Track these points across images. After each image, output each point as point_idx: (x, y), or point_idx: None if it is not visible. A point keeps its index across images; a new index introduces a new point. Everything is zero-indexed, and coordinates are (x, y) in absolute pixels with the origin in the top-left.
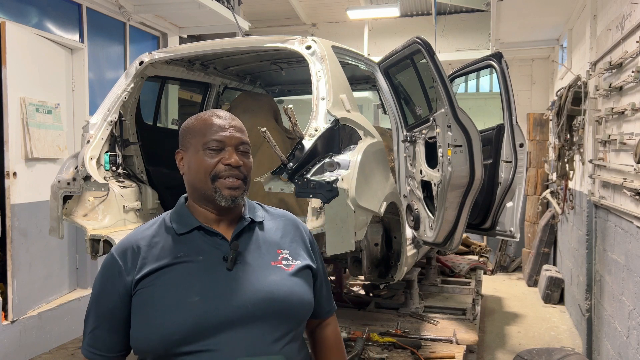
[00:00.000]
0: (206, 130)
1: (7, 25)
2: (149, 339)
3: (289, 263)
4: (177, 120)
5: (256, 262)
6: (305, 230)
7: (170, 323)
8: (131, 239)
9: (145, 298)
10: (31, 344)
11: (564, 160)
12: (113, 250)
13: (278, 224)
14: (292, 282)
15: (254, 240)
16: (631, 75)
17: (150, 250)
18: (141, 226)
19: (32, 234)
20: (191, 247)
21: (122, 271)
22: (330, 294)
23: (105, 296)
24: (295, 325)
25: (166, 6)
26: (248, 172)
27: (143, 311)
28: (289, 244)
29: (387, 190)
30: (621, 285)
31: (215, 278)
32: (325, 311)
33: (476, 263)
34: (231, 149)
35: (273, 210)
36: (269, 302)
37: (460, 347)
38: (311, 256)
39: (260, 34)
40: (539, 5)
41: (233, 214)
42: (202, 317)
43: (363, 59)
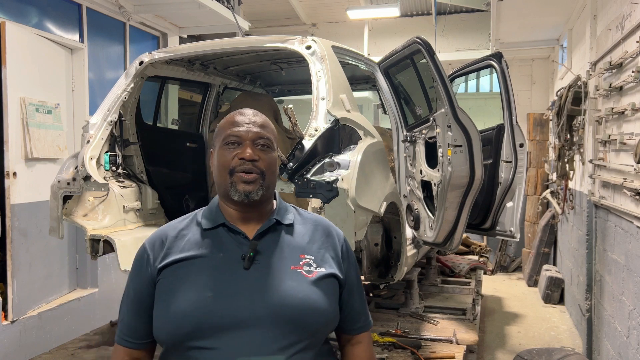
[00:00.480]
0: (227, 127)
1: (7, 25)
2: (163, 328)
3: (311, 269)
4: (177, 120)
5: (275, 265)
6: (339, 239)
7: (181, 315)
8: (163, 230)
9: (165, 287)
10: (31, 344)
11: (564, 160)
12: (145, 241)
13: (308, 228)
14: (309, 290)
15: (278, 242)
16: (631, 75)
17: (176, 242)
18: (176, 219)
19: (32, 234)
20: (214, 243)
21: (150, 260)
22: (365, 310)
23: (134, 284)
24: (308, 335)
25: (166, 6)
26: (267, 167)
27: (162, 300)
28: (316, 250)
29: (387, 190)
30: (621, 285)
31: (230, 276)
32: (356, 327)
33: (476, 263)
34: (248, 143)
35: (307, 215)
36: (280, 307)
37: (460, 347)
38: (340, 266)
39: (260, 34)
40: (539, 5)
41: (259, 213)
42: (212, 314)
43: (363, 59)
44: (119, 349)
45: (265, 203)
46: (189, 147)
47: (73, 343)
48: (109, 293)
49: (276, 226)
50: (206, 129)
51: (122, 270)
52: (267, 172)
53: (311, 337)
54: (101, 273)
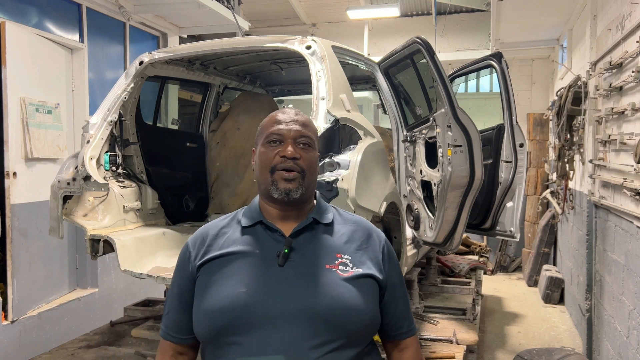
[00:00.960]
0: (270, 125)
1: (7, 25)
2: (200, 323)
3: (347, 269)
4: (177, 120)
5: (310, 263)
6: (380, 241)
7: (217, 310)
8: (206, 227)
9: (204, 283)
10: (31, 344)
11: (564, 160)
12: (189, 239)
13: (348, 229)
14: (344, 288)
15: (315, 241)
16: (631, 75)
17: (216, 239)
18: (218, 218)
19: (32, 234)
20: (252, 241)
21: (191, 256)
22: (409, 314)
23: (178, 281)
24: (344, 334)
25: (166, 6)
26: (307, 166)
27: (199, 296)
28: (354, 251)
29: (387, 190)
30: (621, 285)
31: (265, 273)
32: (400, 332)
33: (476, 263)
34: (290, 141)
35: (348, 216)
36: (312, 305)
37: (460, 347)
38: (380, 268)
39: (260, 34)
40: (539, 5)
41: (299, 212)
42: (245, 310)
43: (363, 59)
44: (164, 343)
45: (304, 202)
46: (189, 147)
47: (73, 343)
48: (109, 293)
49: (313, 225)
50: (206, 129)
51: (122, 271)
52: (308, 171)
53: (347, 337)
54: (101, 273)
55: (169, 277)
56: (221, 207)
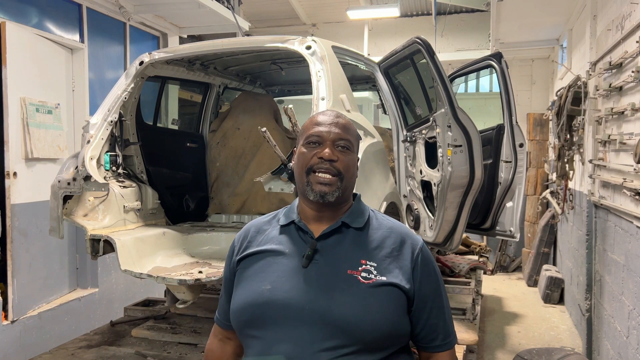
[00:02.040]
0: (310, 127)
1: (7, 25)
2: (231, 314)
3: (370, 276)
4: (177, 120)
5: (332, 266)
6: (414, 249)
7: (242, 304)
8: (251, 224)
9: (240, 277)
10: (31, 344)
11: (564, 160)
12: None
13: (380, 235)
14: (362, 295)
15: (341, 244)
16: (631, 75)
17: (257, 236)
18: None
19: (32, 234)
20: (285, 240)
21: (235, 251)
22: (446, 327)
23: (225, 272)
24: (356, 341)
25: (166, 6)
26: (345, 169)
27: (235, 289)
28: (382, 258)
29: (387, 190)
30: (621, 285)
31: (289, 272)
32: (434, 345)
33: (476, 263)
34: (329, 143)
35: (385, 221)
36: (327, 309)
37: (460, 347)
38: (409, 277)
39: (260, 34)
40: (539, 5)
41: (333, 214)
42: (265, 306)
43: (363, 59)
44: (215, 327)
45: (341, 204)
46: (189, 147)
47: (73, 343)
48: (109, 293)
49: (343, 228)
50: (206, 129)
51: (123, 271)
52: (346, 173)
53: (363, 344)
54: (101, 273)
55: (169, 277)
56: (221, 207)
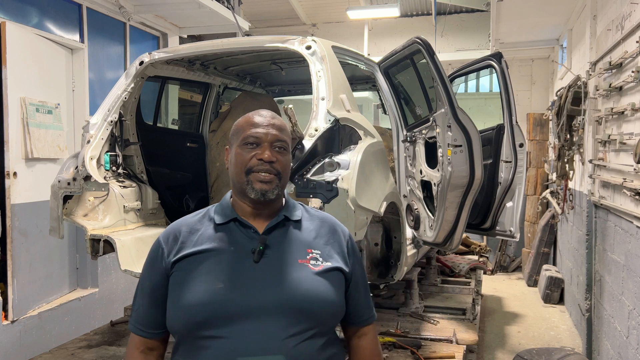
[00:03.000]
0: (246, 127)
1: (7, 25)
2: (176, 318)
3: (318, 263)
4: (177, 120)
5: (283, 258)
6: (344, 235)
7: (195, 305)
8: (177, 224)
9: (178, 280)
10: (31, 344)
11: (564, 160)
12: (160, 235)
13: (315, 225)
14: (316, 281)
15: (286, 237)
16: (631, 75)
17: (190, 236)
18: (188, 215)
19: (32, 234)
20: (226, 238)
21: (164, 253)
22: (370, 303)
23: (149, 276)
24: (316, 324)
25: (166, 6)
26: (283, 169)
27: (175, 292)
28: (322, 245)
29: (387, 190)
30: (621, 285)
31: (241, 268)
32: (362, 319)
33: (476, 263)
34: (267, 145)
35: (314, 212)
36: (288, 298)
37: (460, 347)
38: (346, 261)
39: (260, 34)
40: (539, 5)
41: (270, 210)
42: (223, 304)
43: (363, 59)
44: (135, 338)
45: (277, 201)
46: (189, 147)
47: (73, 343)
48: (109, 293)
49: (284, 222)
50: (206, 129)
51: (123, 270)
52: (283, 173)
53: (319, 326)
54: (101, 273)
55: None
56: None
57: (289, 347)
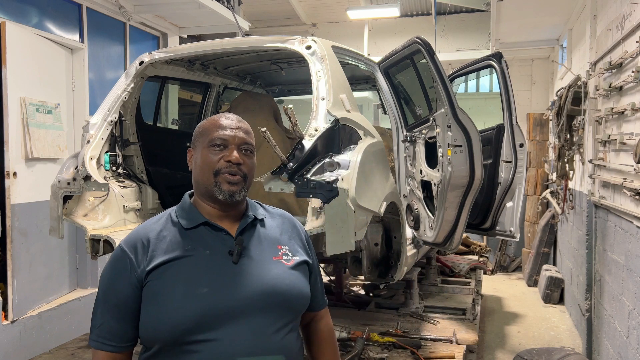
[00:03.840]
0: (213, 129)
1: (7, 25)
2: (158, 328)
3: (289, 258)
4: (177, 120)
5: (259, 257)
6: (301, 229)
7: (180, 313)
8: (140, 232)
9: (155, 289)
10: (31, 344)
11: (564, 160)
12: (122, 244)
13: (277, 222)
14: (292, 276)
15: (256, 236)
16: (631, 75)
17: (159, 244)
18: (147, 221)
19: (32, 234)
20: (198, 242)
21: (133, 263)
22: (323, 289)
23: (115, 288)
24: (294, 316)
25: (166, 6)
26: (249, 171)
27: (153, 302)
28: (288, 240)
29: (387, 190)
30: (621, 285)
31: (221, 271)
32: (320, 304)
33: (476, 263)
34: (234, 147)
35: (272, 210)
36: (272, 294)
37: (460, 347)
38: (308, 253)
39: (260, 34)
40: (539, 5)
41: (236, 211)
42: (210, 308)
43: (363, 59)
44: (99, 354)
45: (242, 202)
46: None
47: (73, 343)
48: None
49: (252, 222)
50: None
51: None
52: (249, 175)
53: (296, 318)
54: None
55: None
56: None
57: (277, 341)
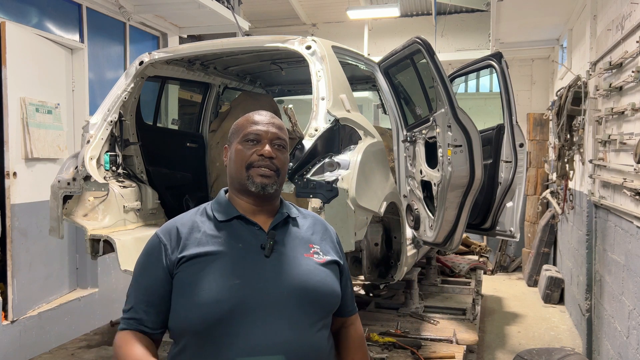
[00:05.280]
0: (246, 125)
1: (7, 25)
2: (190, 317)
3: (320, 257)
4: (177, 120)
5: (291, 253)
6: (332, 232)
7: (212, 303)
8: (176, 222)
9: (188, 279)
10: (31, 344)
11: (564, 160)
12: (157, 231)
13: (309, 222)
14: (323, 273)
15: (288, 233)
16: (631, 75)
17: (193, 234)
18: (184, 213)
19: (32, 234)
20: (231, 235)
21: (167, 249)
22: (353, 295)
23: (147, 273)
24: (326, 314)
25: (166, 6)
26: (282, 165)
27: (185, 291)
28: (319, 241)
29: (387, 190)
30: (621, 285)
31: (254, 264)
32: (349, 310)
33: (476, 263)
34: (266, 142)
35: (304, 211)
36: (303, 289)
37: (460, 347)
38: (339, 255)
39: (260, 34)
40: (539, 5)
41: (270, 207)
42: (242, 299)
43: (363, 59)
44: (128, 337)
45: (275, 198)
46: (189, 147)
47: (73, 343)
48: (109, 293)
49: (285, 219)
50: (206, 129)
51: (123, 270)
52: (282, 170)
53: (327, 316)
54: (101, 273)
55: None
56: None
57: (309, 336)
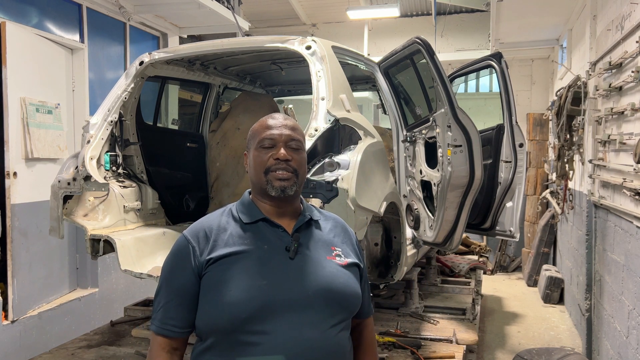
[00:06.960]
0: (261, 131)
1: (7, 25)
2: (218, 316)
3: (342, 259)
4: (177, 120)
5: (314, 255)
6: (352, 234)
7: (240, 302)
8: (203, 223)
9: (216, 279)
10: (31, 344)
11: (564, 160)
12: (185, 233)
13: (330, 225)
14: (346, 275)
15: (311, 235)
16: (631, 75)
17: (220, 235)
18: (210, 214)
19: (32, 234)
20: (257, 236)
21: (195, 250)
22: (370, 297)
23: (176, 274)
24: (348, 315)
25: (166, 6)
26: (299, 166)
27: (213, 291)
28: (340, 244)
29: (387, 190)
30: (621, 285)
31: (279, 265)
32: (366, 312)
33: (476, 263)
34: (281, 145)
35: (326, 213)
36: (328, 291)
37: (460, 347)
38: (359, 258)
39: (260, 34)
40: (539, 5)
41: (291, 209)
42: (269, 299)
43: (363, 59)
44: (158, 339)
45: (296, 199)
46: (189, 147)
47: (73, 343)
48: (109, 293)
49: (308, 221)
50: (206, 129)
51: (123, 270)
52: (300, 170)
53: (349, 317)
54: (101, 273)
55: None
56: (221, 207)
57: (331, 336)
